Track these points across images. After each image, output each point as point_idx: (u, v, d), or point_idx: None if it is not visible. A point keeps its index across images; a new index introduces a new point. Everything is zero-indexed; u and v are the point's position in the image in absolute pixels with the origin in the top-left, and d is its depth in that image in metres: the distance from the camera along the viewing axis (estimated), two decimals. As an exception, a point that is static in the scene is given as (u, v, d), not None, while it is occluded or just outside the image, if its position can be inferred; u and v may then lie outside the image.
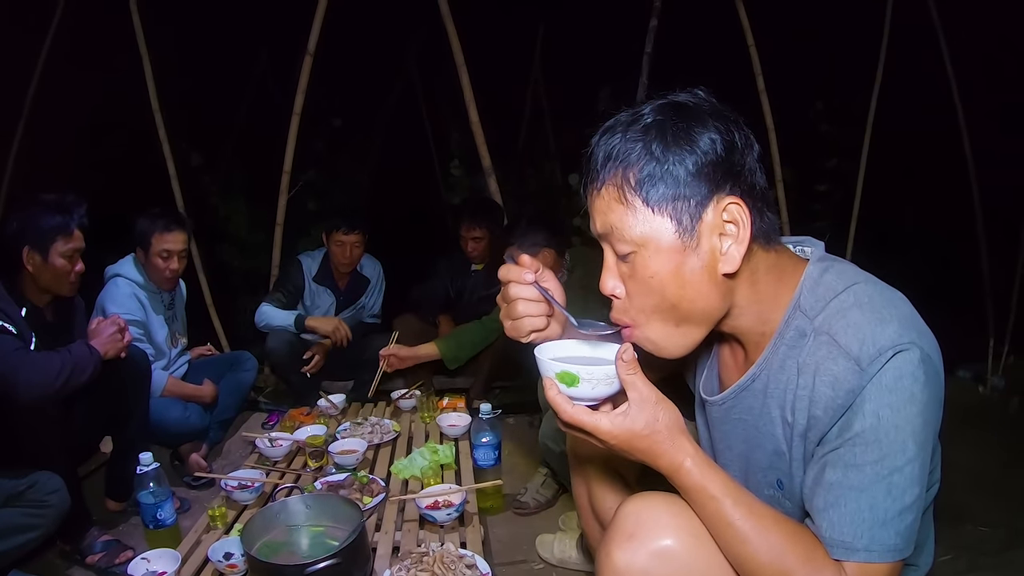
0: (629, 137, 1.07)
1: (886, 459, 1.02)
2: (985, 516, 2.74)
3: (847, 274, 1.13)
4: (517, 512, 2.74)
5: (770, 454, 1.19)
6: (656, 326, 1.13)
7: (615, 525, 1.16)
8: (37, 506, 2.15)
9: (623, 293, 1.14)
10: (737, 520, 1.06)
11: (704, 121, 1.06)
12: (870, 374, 1.01)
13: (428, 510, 2.10)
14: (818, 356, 1.07)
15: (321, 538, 1.89)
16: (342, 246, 3.85)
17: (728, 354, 1.29)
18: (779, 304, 1.14)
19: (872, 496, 1.02)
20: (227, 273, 5.32)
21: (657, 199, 1.05)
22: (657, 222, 1.06)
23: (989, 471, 3.15)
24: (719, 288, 1.10)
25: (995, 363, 4.47)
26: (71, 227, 2.48)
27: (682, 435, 1.10)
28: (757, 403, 1.19)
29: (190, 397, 3.15)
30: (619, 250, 1.11)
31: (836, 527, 1.04)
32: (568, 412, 1.08)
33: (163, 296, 3.24)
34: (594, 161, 1.11)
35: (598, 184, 1.10)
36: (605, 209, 1.10)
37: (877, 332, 1.02)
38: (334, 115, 6.15)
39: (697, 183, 1.05)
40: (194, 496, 2.95)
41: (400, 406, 3.21)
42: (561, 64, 6.68)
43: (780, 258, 1.16)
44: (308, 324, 3.71)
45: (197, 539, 2.11)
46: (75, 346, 2.35)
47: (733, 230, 1.07)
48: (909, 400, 1.01)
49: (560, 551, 2.38)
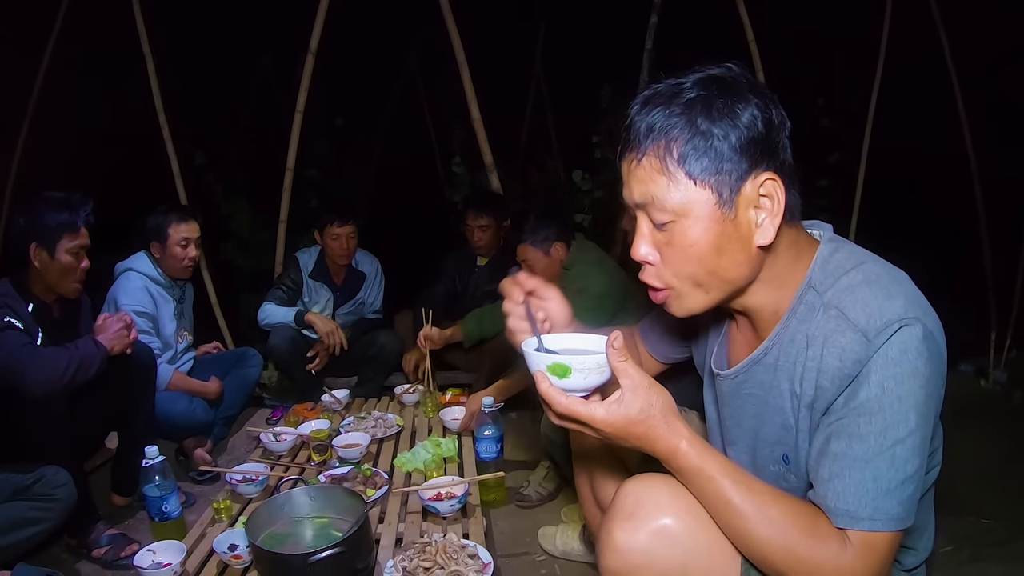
0: (672, 111, 1.09)
1: (889, 430, 1.05)
2: (987, 508, 2.75)
3: (856, 254, 1.18)
4: (519, 505, 2.76)
5: (778, 428, 1.21)
6: (687, 289, 1.17)
7: (615, 505, 1.18)
8: (44, 500, 2.17)
9: (656, 260, 1.17)
10: (736, 498, 1.09)
11: (746, 97, 1.08)
12: (876, 345, 1.05)
13: (431, 502, 2.11)
14: (827, 329, 1.10)
15: (325, 529, 1.91)
16: (338, 239, 3.87)
17: (737, 332, 1.33)
18: (793, 280, 1.19)
19: (876, 467, 1.05)
20: (231, 271, 5.34)
21: (700, 172, 1.08)
22: (698, 193, 1.09)
23: (991, 464, 3.16)
24: (751, 259, 1.14)
25: (997, 357, 4.48)
26: (78, 224, 2.50)
27: (676, 418, 1.12)
28: (768, 377, 1.22)
29: (195, 393, 3.18)
30: (657, 219, 1.13)
31: (841, 497, 1.07)
32: (563, 403, 1.10)
33: (174, 291, 3.28)
34: (635, 132, 1.12)
35: (639, 155, 1.12)
36: (646, 179, 1.12)
37: (884, 306, 1.06)
38: (336, 113, 6.18)
39: (739, 158, 1.08)
40: (199, 491, 2.96)
41: (403, 401, 3.23)
42: (562, 61, 6.70)
43: (798, 236, 1.20)
44: (307, 319, 3.73)
45: (202, 531, 2.13)
46: (81, 341, 2.38)
47: (768, 204, 1.11)
48: (912, 373, 1.04)
49: (562, 543, 2.40)
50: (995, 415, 3.89)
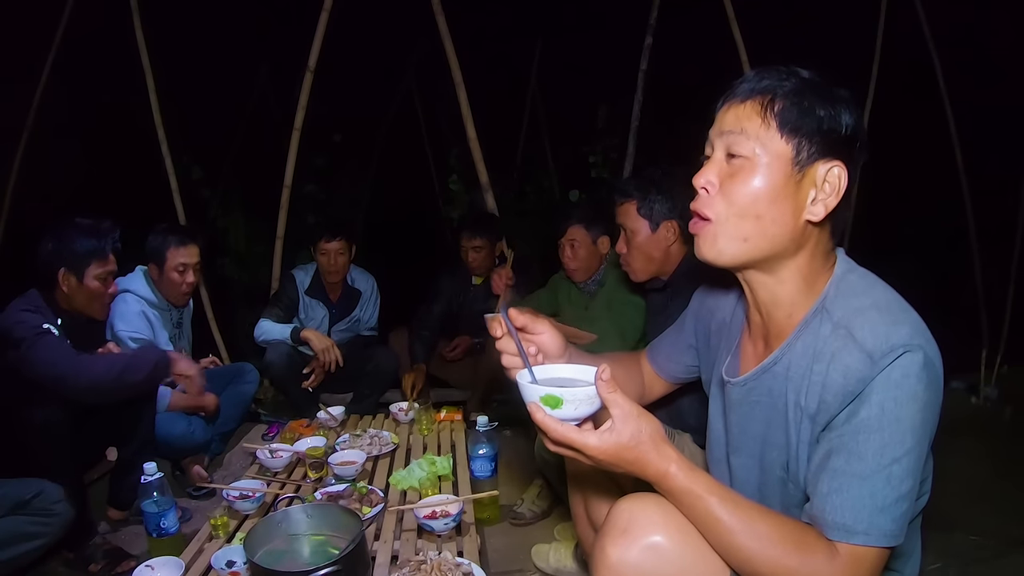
0: (786, 81, 1.20)
1: (887, 449, 1.11)
2: (976, 525, 2.78)
3: (868, 278, 1.26)
4: (513, 523, 2.78)
5: (783, 436, 1.27)
6: (729, 228, 1.23)
7: (609, 522, 1.24)
8: (43, 515, 2.19)
9: (714, 190, 1.24)
10: (724, 515, 1.15)
11: (848, 102, 1.20)
12: (880, 367, 1.11)
13: (426, 520, 2.13)
14: (835, 346, 1.17)
15: (322, 547, 1.92)
16: (326, 254, 3.89)
17: (748, 342, 1.39)
18: (812, 292, 1.26)
19: (873, 484, 1.11)
20: (227, 286, 5.36)
21: (790, 130, 1.18)
22: (781, 145, 1.18)
23: (981, 480, 3.19)
24: (796, 226, 1.21)
25: (988, 373, 4.51)
26: (106, 251, 2.55)
27: (665, 443, 1.18)
28: (777, 385, 1.27)
29: (193, 407, 3.16)
30: (737, 149, 1.21)
31: (839, 511, 1.12)
32: (558, 431, 1.16)
33: (172, 314, 3.28)
34: (747, 84, 1.22)
35: (744, 98, 1.22)
36: (743, 116, 1.21)
37: (891, 331, 1.13)
38: (334, 130, 6.21)
39: (824, 140, 1.18)
40: (195, 506, 2.98)
41: (398, 419, 3.24)
42: (558, 81, 6.76)
43: (830, 248, 1.28)
44: (303, 335, 3.74)
45: (200, 547, 2.14)
46: (142, 349, 2.41)
47: (828, 189, 1.19)
48: (912, 397, 1.11)
49: (555, 560, 2.42)
50: (986, 431, 3.92)
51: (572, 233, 3.16)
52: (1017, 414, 4.12)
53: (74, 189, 4.57)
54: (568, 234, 3.17)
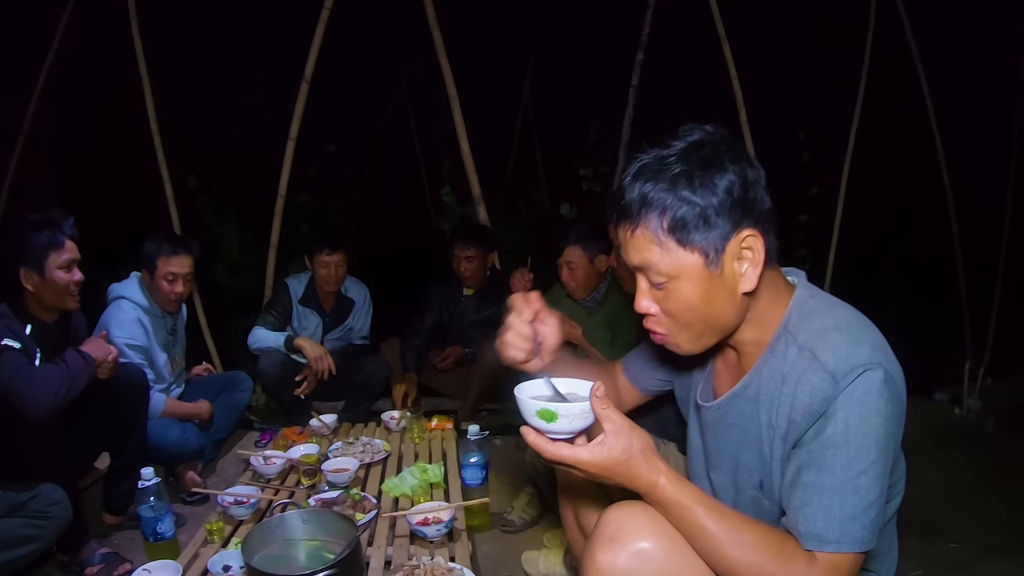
0: (660, 186, 1.22)
1: (853, 461, 1.18)
2: (957, 533, 2.83)
3: (828, 301, 1.33)
4: (503, 530, 2.81)
5: (756, 456, 1.34)
6: (684, 335, 1.32)
7: (599, 529, 1.29)
8: (40, 517, 2.20)
9: (657, 311, 1.31)
10: (711, 524, 1.21)
11: (723, 165, 1.22)
12: (843, 386, 1.18)
13: (419, 526, 2.16)
14: (800, 368, 1.24)
15: (318, 551, 1.95)
16: (327, 267, 3.93)
17: (722, 366, 1.46)
18: (773, 320, 1.32)
19: (842, 496, 1.18)
20: (221, 294, 5.37)
21: (687, 239, 1.22)
22: (687, 257, 1.23)
23: (963, 490, 3.24)
24: (738, 305, 1.28)
25: (971, 385, 4.55)
26: (61, 240, 2.50)
27: (655, 456, 1.24)
28: (749, 408, 1.34)
29: (187, 415, 3.19)
30: (654, 280, 1.28)
31: (811, 522, 1.19)
32: (550, 450, 1.23)
33: (166, 321, 3.28)
34: (628, 204, 1.25)
35: (634, 226, 1.25)
36: (641, 248, 1.26)
37: (852, 351, 1.20)
38: (328, 140, 6.25)
39: (722, 221, 1.21)
40: (189, 512, 2.99)
41: (389, 427, 3.27)
42: (550, 94, 6.82)
43: (775, 277, 1.33)
44: (296, 343, 3.76)
45: (195, 552, 2.17)
46: (68, 355, 2.38)
47: (750, 255, 1.24)
48: (875, 412, 1.18)
49: (545, 567, 2.46)
50: (969, 442, 3.95)
51: (568, 254, 3.20)
52: (1000, 426, 4.16)
53: (70, 197, 4.58)
54: (565, 255, 3.21)
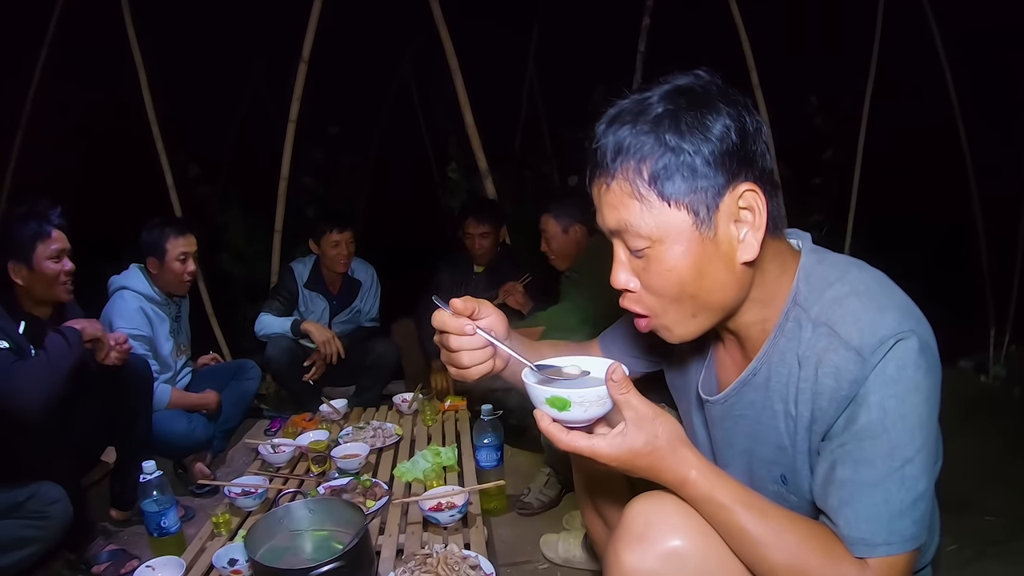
0: (639, 129, 1.04)
1: (896, 450, 1.01)
2: (990, 505, 2.74)
3: (840, 264, 1.14)
4: (521, 512, 2.75)
5: (773, 449, 1.18)
6: (672, 316, 1.12)
7: (624, 526, 1.14)
8: (38, 518, 2.15)
9: (637, 286, 1.12)
10: (750, 524, 1.05)
11: (716, 106, 1.03)
12: (872, 364, 1.01)
13: (431, 512, 2.10)
14: (818, 347, 1.06)
15: (325, 542, 1.89)
16: (338, 245, 3.86)
17: (724, 353, 1.28)
18: (779, 296, 1.14)
19: (886, 490, 1.02)
20: (227, 282, 5.33)
21: (673, 192, 1.03)
22: (673, 215, 1.04)
23: (992, 460, 3.16)
24: (737, 277, 1.09)
25: (996, 352, 4.47)
26: (48, 230, 2.46)
27: (684, 446, 1.08)
28: (759, 397, 1.18)
29: (194, 406, 3.16)
30: (633, 245, 1.09)
31: (854, 525, 1.03)
32: (564, 440, 1.07)
33: (170, 308, 3.24)
34: (602, 154, 1.07)
35: (608, 179, 1.07)
36: (617, 204, 1.07)
37: (876, 321, 1.02)
38: (331, 122, 6.17)
39: (714, 173, 1.03)
40: (198, 504, 2.96)
41: (401, 410, 3.21)
42: (556, 65, 6.68)
43: (782, 247, 1.16)
44: (303, 327, 3.71)
45: (202, 546, 2.11)
46: (48, 340, 2.32)
47: (749, 217, 1.06)
48: (913, 389, 1.01)
49: (565, 551, 2.38)
50: (996, 410, 3.89)
51: (543, 223, 3.29)
52: (1026, 393, 4.08)
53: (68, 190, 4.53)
54: (542, 224, 3.30)
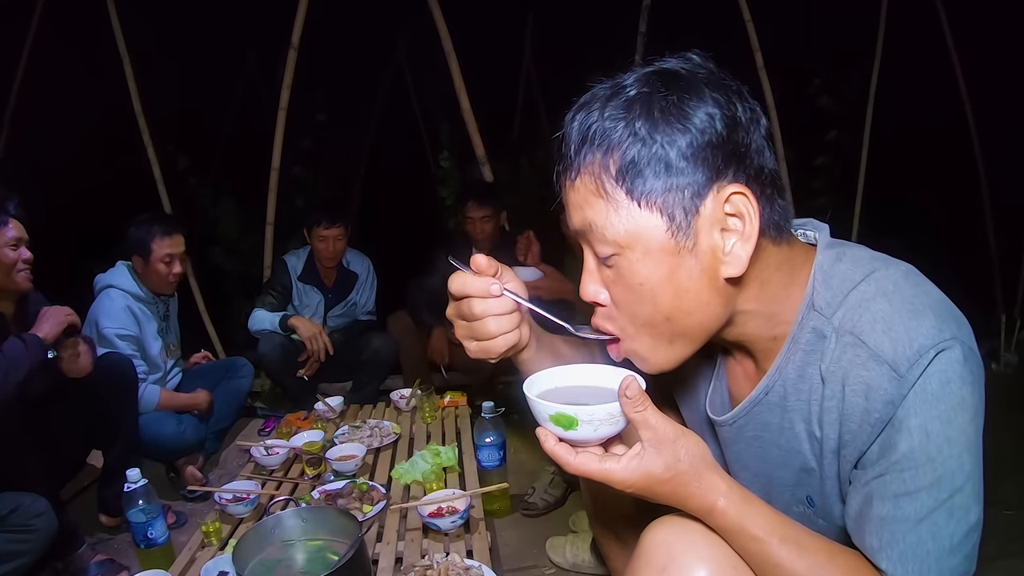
0: (608, 115, 0.89)
1: (943, 480, 0.87)
2: (1008, 497, 2.65)
3: (863, 260, 0.97)
4: (525, 514, 2.67)
5: (797, 471, 1.04)
6: (645, 340, 0.97)
7: (644, 556, 0.99)
8: (22, 531, 2.06)
9: (608, 300, 0.98)
10: (785, 560, 0.91)
11: (700, 91, 0.88)
12: (910, 381, 0.86)
13: (431, 518, 2.00)
14: (844, 361, 0.92)
15: (319, 552, 1.79)
16: (325, 241, 3.76)
17: (736, 365, 1.12)
18: (791, 303, 0.98)
19: (933, 524, 0.88)
20: (219, 277, 5.24)
21: (644, 190, 0.88)
22: (644, 218, 0.89)
23: (1007, 449, 3.04)
24: (721, 295, 0.94)
25: (1007, 339, 4.39)
26: (4, 219, 2.39)
27: (710, 471, 0.93)
28: (775, 418, 1.03)
29: (184, 407, 3.07)
30: (600, 251, 0.94)
31: (899, 566, 0.89)
32: (572, 464, 0.91)
33: (158, 306, 3.15)
34: (567, 145, 0.94)
35: (572, 173, 0.93)
36: (581, 203, 0.93)
37: (912, 328, 0.87)
38: (322, 110, 6.07)
39: (692, 169, 0.87)
40: (191, 509, 2.88)
41: (399, 407, 3.11)
42: (553, 48, 6.57)
43: (792, 251, 0.99)
44: (290, 323, 3.62)
45: (191, 557, 2.01)
46: (7, 344, 2.25)
47: (738, 224, 0.90)
48: (960, 407, 0.87)
49: (572, 554, 2.30)
50: (1008, 398, 3.79)
51: None
52: (1038, 379, 4.01)
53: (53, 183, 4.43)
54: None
